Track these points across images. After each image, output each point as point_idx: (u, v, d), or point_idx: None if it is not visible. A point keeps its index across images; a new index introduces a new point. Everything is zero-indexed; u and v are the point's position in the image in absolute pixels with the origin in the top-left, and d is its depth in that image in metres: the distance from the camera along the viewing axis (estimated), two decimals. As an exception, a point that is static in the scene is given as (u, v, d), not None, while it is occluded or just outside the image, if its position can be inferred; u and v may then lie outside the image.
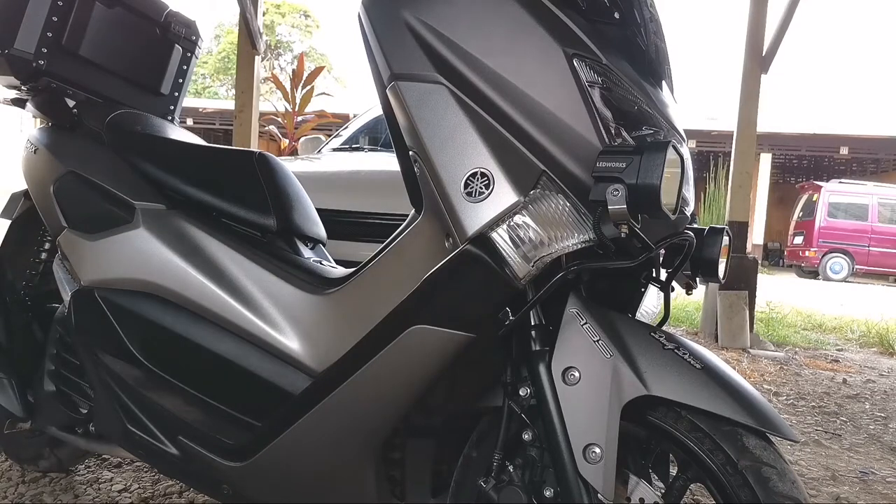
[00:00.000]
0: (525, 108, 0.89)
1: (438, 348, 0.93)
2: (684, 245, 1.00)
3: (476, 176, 0.88)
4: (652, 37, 1.02)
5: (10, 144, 7.55)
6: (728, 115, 6.73)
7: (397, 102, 0.96)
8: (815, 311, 7.07)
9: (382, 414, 1.01)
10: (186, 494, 1.76)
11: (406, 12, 0.95)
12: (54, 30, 1.48)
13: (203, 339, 1.26)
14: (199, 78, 28.32)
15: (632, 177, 0.81)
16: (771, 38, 4.71)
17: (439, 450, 1.12)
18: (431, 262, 0.94)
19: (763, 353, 4.45)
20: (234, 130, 4.93)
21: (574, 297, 0.94)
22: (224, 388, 1.26)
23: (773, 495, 0.82)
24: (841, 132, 15.86)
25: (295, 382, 1.15)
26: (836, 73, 64.13)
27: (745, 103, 4.76)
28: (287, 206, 1.37)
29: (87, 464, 1.92)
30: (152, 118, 1.63)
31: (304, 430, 1.07)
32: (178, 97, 1.80)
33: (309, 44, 30.33)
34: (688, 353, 0.90)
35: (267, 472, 1.13)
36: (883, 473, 2.31)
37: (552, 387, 0.90)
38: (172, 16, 1.72)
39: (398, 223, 1.14)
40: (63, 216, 1.44)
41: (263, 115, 6.20)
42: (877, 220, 14.62)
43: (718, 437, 0.86)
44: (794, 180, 19.81)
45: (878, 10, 66.82)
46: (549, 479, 0.92)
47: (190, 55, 1.79)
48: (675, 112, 1.03)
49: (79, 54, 1.53)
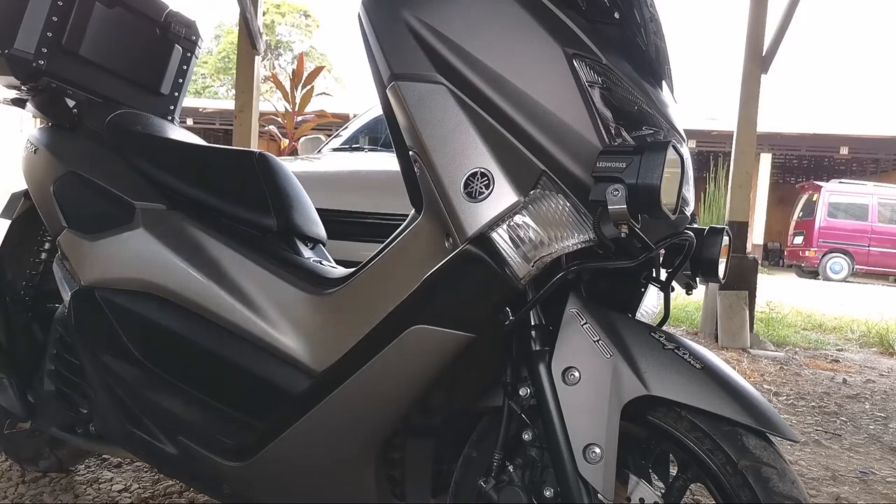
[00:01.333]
0: (525, 108, 0.89)
1: (438, 348, 0.93)
2: (684, 245, 1.00)
3: (476, 176, 0.88)
4: (652, 37, 1.02)
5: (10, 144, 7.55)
6: (728, 115, 6.74)
7: (397, 102, 0.96)
8: (815, 311, 7.07)
9: (382, 414, 1.01)
10: (186, 494, 1.76)
11: (406, 12, 0.95)
12: (54, 30, 1.48)
13: (203, 339, 1.26)
14: (199, 78, 28.32)
15: (632, 177, 0.81)
16: (771, 38, 4.71)
17: (439, 450, 1.12)
18: (431, 262, 0.94)
19: (763, 353, 4.44)
20: (234, 130, 4.93)
21: (574, 297, 0.94)
22: (224, 388, 1.26)
23: (773, 495, 0.82)
24: (841, 132, 15.87)
25: (295, 382, 1.15)
26: (836, 73, 64.14)
27: (745, 103, 4.76)
28: (287, 206, 1.37)
29: (87, 464, 1.92)
30: (152, 118, 1.63)
31: (304, 430, 1.07)
32: (178, 97, 1.80)
33: (309, 44, 30.34)
34: (688, 353, 0.90)
35: (267, 472, 1.13)
36: (883, 473, 2.31)
37: (552, 387, 0.90)
38: (172, 16, 1.72)
39: (398, 223, 1.14)
40: (63, 216, 1.44)
41: (263, 115, 6.20)
42: (877, 220, 14.61)
43: (718, 437, 0.86)
44: (794, 180, 19.80)
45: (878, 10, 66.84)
46: (549, 479, 0.92)
47: (190, 55, 1.79)
48: (675, 112, 1.03)
49: (79, 54, 1.53)
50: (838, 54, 69.44)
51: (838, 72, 64.58)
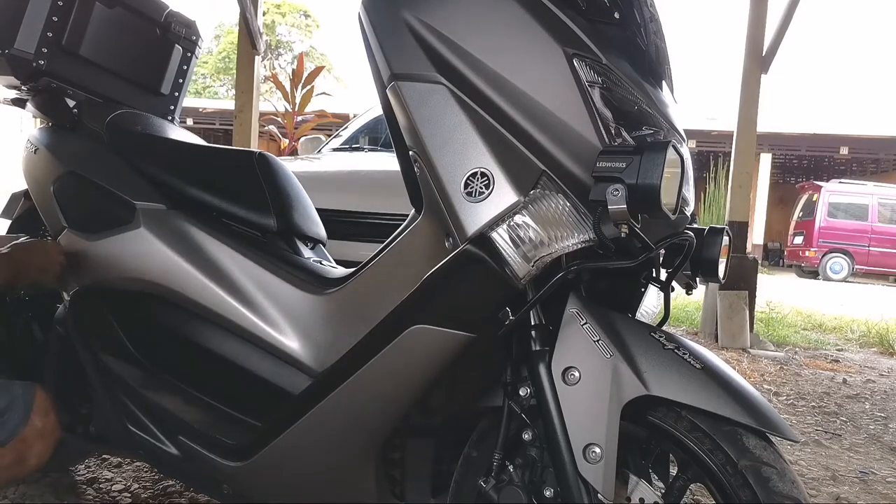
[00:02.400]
0: (525, 108, 0.89)
1: (438, 348, 0.93)
2: (684, 245, 1.00)
3: (476, 176, 0.88)
4: (652, 37, 1.02)
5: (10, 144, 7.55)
6: (728, 115, 6.73)
7: (397, 102, 0.96)
8: (815, 311, 7.07)
9: (382, 414, 1.01)
10: (186, 494, 1.76)
11: (406, 12, 0.95)
12: (54, 30, 1.48)
13: (203, 338, 1.26)
14: (199, 78, 28.31)
15: (632, 177, 0.81)
16: (771, 38, 4.71)
17: (439, 450, 1.12)
18: (431, 262, 0.94)
19: (763, 353, 4.44)
20: (234, 130, 4.93)
21: (574, 297, 0.94)
22: (224, 387, 1.26)
23: (773, 495, 0.82)
24: (841, 132, 15.86)
25: (295, 382, 1.15)
26: (836, 73, 64.15)
27: (745, 103, 4.76)
28: (287, 206, 1.37)
29: (87, 464, 1.92)
30: (152, 118, 1.63)
31: (304, 430, 1.07)
32: (179, 97, 1.80)
33: (309, 44, 30.33)
34: (688, 353, 0.90)
35: (267, 472, 1.13)
36: (883, 473, 2.31)
37: (552, 387, 0.90)
38: (172, 16, 1.72)
39: (398, 223, 1.14)
40: (63, 216, 1.44)
41: (263, 115, 6.20)
42: (877, 220, 14.61)
43: (718, 437, 0.86)
44: (794, 180, 19.80)
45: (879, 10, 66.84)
46: (549, 479, 0.92)
47: (190, 55, 1.79)
48: (675, 112, 1.03)
49: (79, 54, 1.53)
50: (838, 54, 69.45)
51: (838, 72, 64.60)
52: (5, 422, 1.03)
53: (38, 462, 1.08)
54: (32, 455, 1.07)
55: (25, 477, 1.20)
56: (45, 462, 1.10)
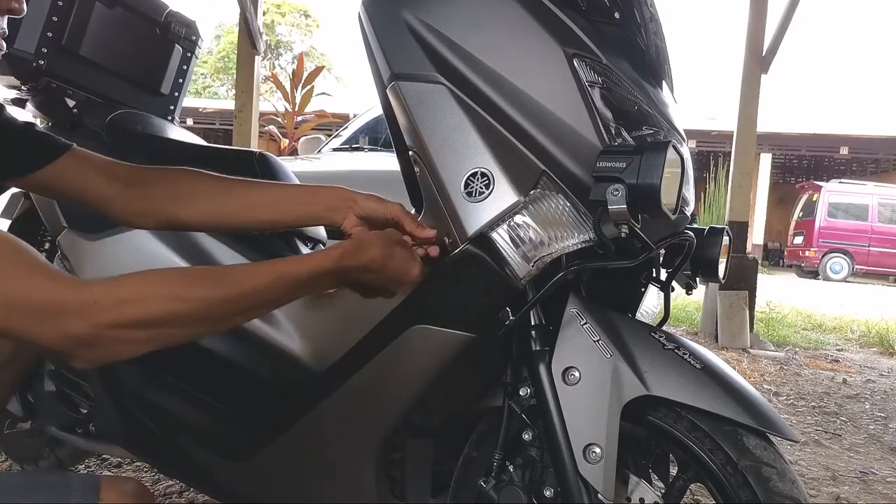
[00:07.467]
0: (525, 108, 0.89)
1: (438, 348, 0.93)
2: (684, 245, 1.00)
3: (476, 176, 0.88)
4: (652, 37, 1.02)
5: (10, 144, 7.50)
6: (728, 115, 6.74)
7: (397, 102, 0.96)
8: (815, 311, 7.07)
9: (382, 414, 1.01)
10: (186, 494, 1.76)
11: (406, 12, 0.95)
12: (54, 30, 1.48)
13: (203, 338, 1.26)
14: (199, 78, 28.31)
15: (632, 177, 0.81)
16: (771, 38, 4.70)
17: (439, 450, 1.12)
18: (432, 262, 0.94)
19: (763, 353, 4.44)
20: (234, 130, 4.93)
21: (574, 297, 0.94)
22: (224, 387, 1.26)
23: (773, 495, 0.82)
24: (841, 132, 15.87)
25: (295, 382, 1.15)
26: (836, 73, 64.13)
27: (745, 103, 4.76)
28: (287, 206, 1.36)
29: (87, 464, 1.92)
30: (152, 118, 1.63)
31: (304, 430, 1.07)
32: (179, 97, 1.79)
33: (309, 44, 30.35)
34: (688, 353, 0.90)
35: (267, 472, 1.13)
36: (883, 473, 2.31)
37: (552, 387, 0.90)
38: (172, 16, 1.72)
39: (398, 223, 1.14)
40: (63, 216, 1.44)
41: (263, 115, 6.21)
42: (877, 220, 14.62)
43: (718, 437, 0.86)
44: (794, 180, 19.81)
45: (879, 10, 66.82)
46: (549, 479, 0.92)
47: (190, 55, 1.79)
48: (675, 112, 1.03)
49: (79, 54, 1.53)
50: (838, 54, 69.43)
51: (838, 72, 64.59)
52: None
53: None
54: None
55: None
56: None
